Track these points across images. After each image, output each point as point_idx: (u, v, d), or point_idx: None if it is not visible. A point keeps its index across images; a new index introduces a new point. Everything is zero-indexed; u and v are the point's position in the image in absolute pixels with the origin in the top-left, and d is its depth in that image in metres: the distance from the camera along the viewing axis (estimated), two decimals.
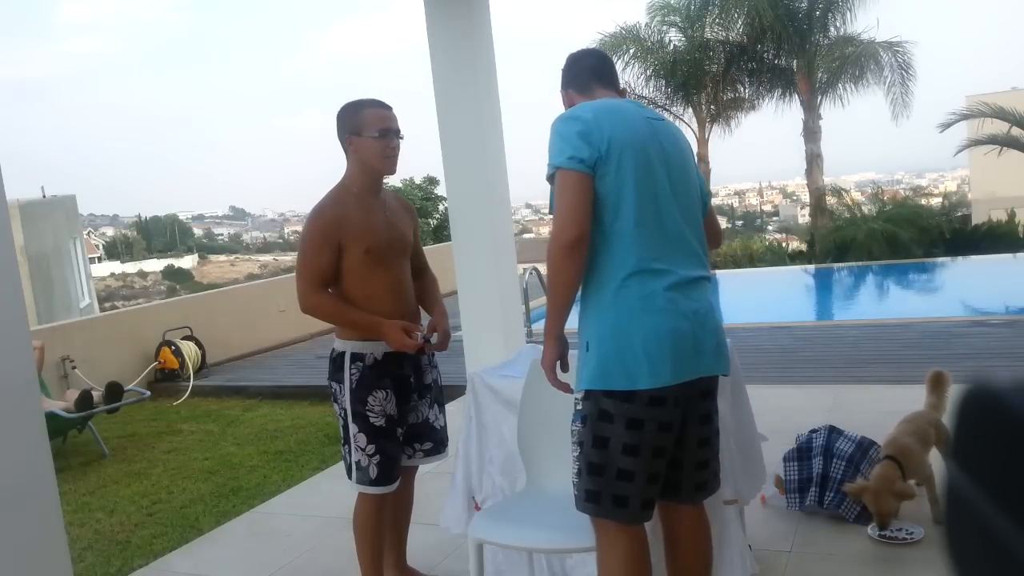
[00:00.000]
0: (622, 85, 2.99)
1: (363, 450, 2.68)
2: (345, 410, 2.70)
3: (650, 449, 1.96)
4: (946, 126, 15.37)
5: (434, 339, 2.78)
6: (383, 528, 2.81)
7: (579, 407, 2.01)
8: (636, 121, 2.03)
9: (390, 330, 2.63)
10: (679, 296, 1.96)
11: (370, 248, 2.64)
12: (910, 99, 16.11)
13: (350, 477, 2.74)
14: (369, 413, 2.67)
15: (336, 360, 2.71)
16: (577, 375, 2.02)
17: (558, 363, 2.09)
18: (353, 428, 2.69)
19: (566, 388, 2.10)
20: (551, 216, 2.00)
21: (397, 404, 2.72)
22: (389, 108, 2.73)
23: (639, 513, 2.01)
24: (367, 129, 2.66)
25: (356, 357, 2.68)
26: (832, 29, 16.66)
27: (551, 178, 2.01)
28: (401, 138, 2.73)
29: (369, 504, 2.75)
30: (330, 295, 2.70)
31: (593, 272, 1.99)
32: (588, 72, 2.24)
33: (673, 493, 2.09)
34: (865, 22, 29.50)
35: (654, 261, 1.96)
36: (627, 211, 1.95)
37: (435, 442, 2.92)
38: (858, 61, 16.37)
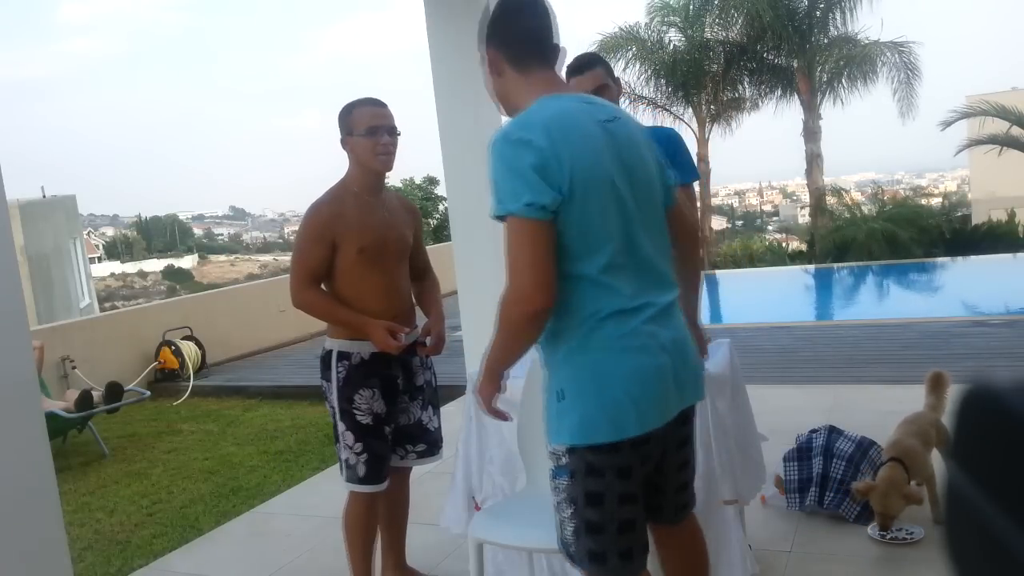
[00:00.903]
0: (623, 85, 2.99)
1: (351, 448, 2.69)
2: (334, 408, 2.72)
3: (640, 489, 1.83)
4: (947, 124, 15.38)
5: (428, 342, 2.78)
6: (372, 527, 2.82)
7: (562, 462, 1.79)
8: (593, 136, 1.74)
9: (375, 330, 2.62)
10: (657, 328, 1.77)
11: (364, 248, 2.63)
12: (916, 100, 16.14)
13: (342, 474, 2.76)
14: (356, 411, 2.68)
15: (325, 359, 2.72)
16: (552, 425, 1.79)
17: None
18: (341, 426, 2.70)
19: (504, 416, 2.02)
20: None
21: (385, 404, 2.72)
22: (382, 106, 2.72)
23: (642, 559, 1.88)
24: (358, 128, 2.65)
25: (343, 356, 2.68)
26: (832, 29, 16.67)
27: (500, 219, 1.72)
28: (397, 135, 2.72)
29: (359, 503, 2.76)
30: (321, 292, 2.70)
31: (562, 316, 1.73)
32: (527, 40, 1.87)
33: (655, 515, 1.98)
34: (865, 22, 29.50)
35: (630, 299, 1.74)
36: (597, 252, 1.72)
37: (429, 444, 2.92)
38: (862, 61, 16.38)
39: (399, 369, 2.78)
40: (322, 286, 2.72)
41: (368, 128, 2.64)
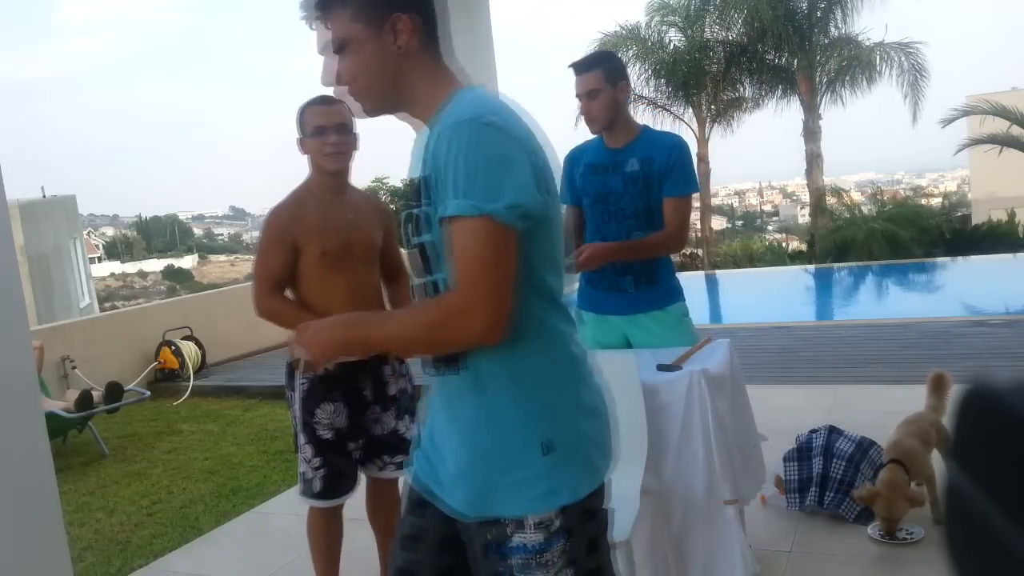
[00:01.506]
0: (622, 83, 2.97)
1: (309, 462, 2.62)
2: (296, 418, 2.65)
3: None
4: (947, 122, 15.38)
5: None
6: (333, 539, 2.76)
7: (555, 527, 1.39)
8: (548, 143, 1.45)
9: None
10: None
11: (327, 250, 2.54)
12: (923, 101, 16.14)
13: (298, 487, 2.70)
14: (317, 425, 2.60)
15: (289, 367, 2.65)
16: (529, 491, 1.38)
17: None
18: (302, 438, 2.64)
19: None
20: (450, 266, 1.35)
21: (349, 417, 2.63)
22: (332, 103, 2.56)
23: None
24: (307, 128, 2.58)
25: (308, 366, 2.60)
26: (833, 30, 16.68)
27: (449, 220, 1.31)
28: (349, 133, 2.60)
29: (316, 516, 2.71)
30: (284, 299, 2.61)
31: (532, 352, 1.40)
32: (437, 18, 1.49)
33: None
34: (866, 23, 29.50)
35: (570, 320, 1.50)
36: (558, 279, 1.44)
37: (408, 453, 2.83)
38: (864, 63, 16.39)
39: (368, 380, 2.67)
40: (287, 293, 2.63)
41: (315, 128, 2.56)
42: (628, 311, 2.88)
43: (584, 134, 2.93)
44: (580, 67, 2.83)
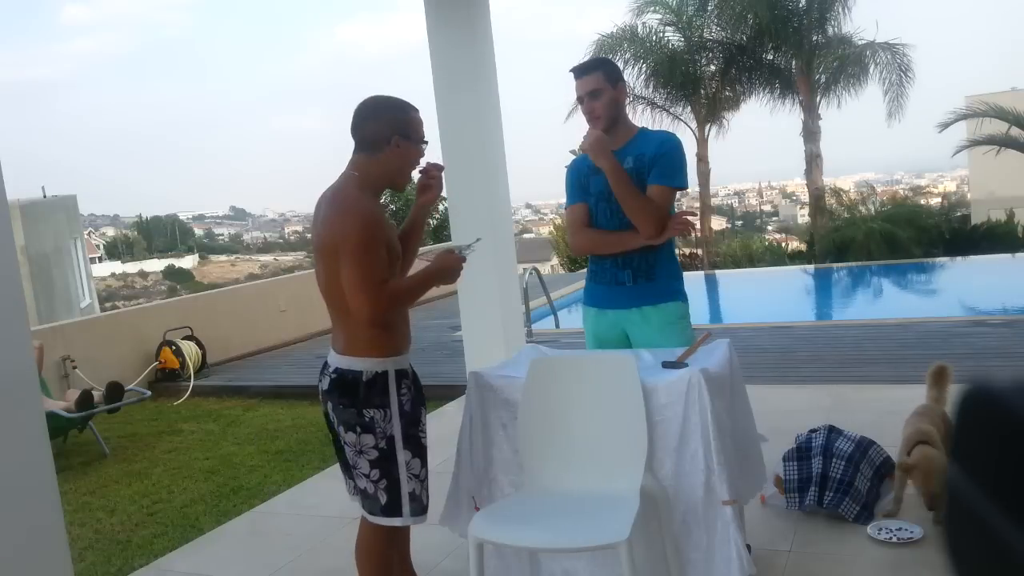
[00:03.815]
0: (621, 85, 3.08)
1: (417, 477, 2.38)
2: (391, 437, 2.34)
3: None
4: (945, 126, 15.39)
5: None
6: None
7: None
8: None
9: (454, 267, 2.46)
10: None
11: (391, 250, 2.38)
12: (905, 101, 16.18)
13: (396, 514, 2.37)
14: (421, 434, 2.41)
15: (371, 383, 2.32)
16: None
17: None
18: (404, 455, 2.36)
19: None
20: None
21: None
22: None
23: None
24: (415, 132, 2.41)
25: (402, 375, 2.38)
26: (830, 29, 16.68)
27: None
28: None
29: (389, 537, 2.46)
30: (397, 281, 2.40)
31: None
32: None
33: None
34: (862, 23, 29.55)
35: None
36: None
37: None
38: (855, 61, 16.41)
39: None
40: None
41: (422, 136, 2.44)
42: (626, 305, 2.94)
43: (573, 129, 3.02)
44: (581, 70, 2.98)
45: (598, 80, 2.90)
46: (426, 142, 2.48)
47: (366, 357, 2.34)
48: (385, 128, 2.37)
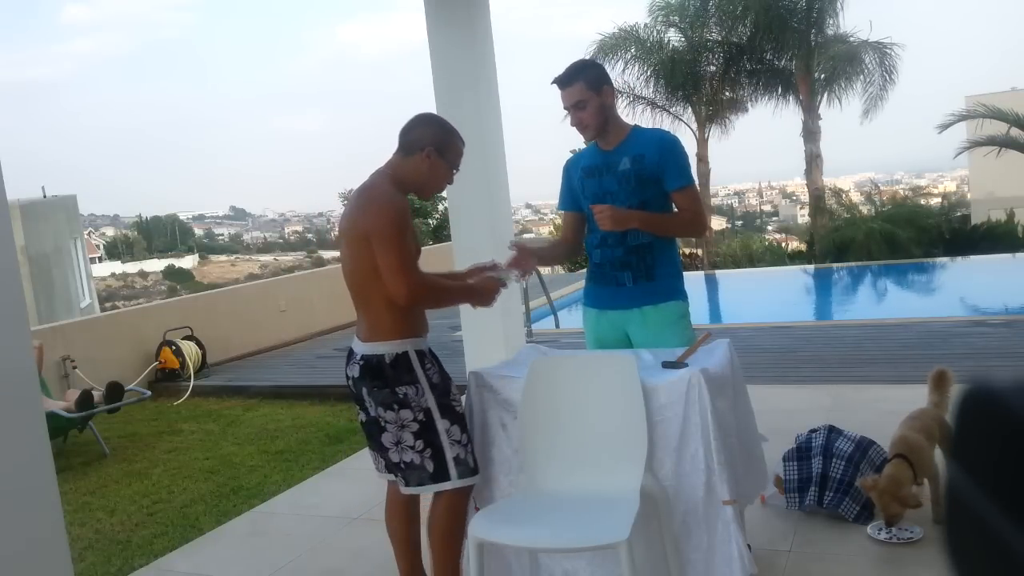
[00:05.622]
0: (622, 86, 3.08)
1: (459, 442, 2.54)
2: (427, 409, 2.50)
3: None
4: (944, 127, 15.39)
5: (511, 275, 2.80)
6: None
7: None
8: None
9: (490, 291, 2.67)
10: None
11: (415, 245, 2.57)
12: (884, 101, 16.31)
13: (444, 479, 2.52)
14: (455, 403, 2.57)
15: (395, 364, 2.49)
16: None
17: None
18: (444, 423, 2.51)
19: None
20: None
21: None
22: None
23: None
24: (450, 156, 2.64)
25: (422, 355, 2.55)
26: (829, 29, 16.69)
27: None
28: None
29: (464, 498, 2.59)
30: (430, 275, 2.59)
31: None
32: None
33: None
34: (858, 23, 29.58)
35: None
36: None
37: None
38: (849, 60, 16.45)
39: None
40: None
41: (456, 164, 2.68)
42: (626, 305, 2.93)
43: (573, 129, 2.99)
44: (562, 82, 2.92)
45: (580, 91, 2.85)
46: (457, 169, 2.68)
47: (387, 341, 2.51)
48: (425, 137, 2.61)
